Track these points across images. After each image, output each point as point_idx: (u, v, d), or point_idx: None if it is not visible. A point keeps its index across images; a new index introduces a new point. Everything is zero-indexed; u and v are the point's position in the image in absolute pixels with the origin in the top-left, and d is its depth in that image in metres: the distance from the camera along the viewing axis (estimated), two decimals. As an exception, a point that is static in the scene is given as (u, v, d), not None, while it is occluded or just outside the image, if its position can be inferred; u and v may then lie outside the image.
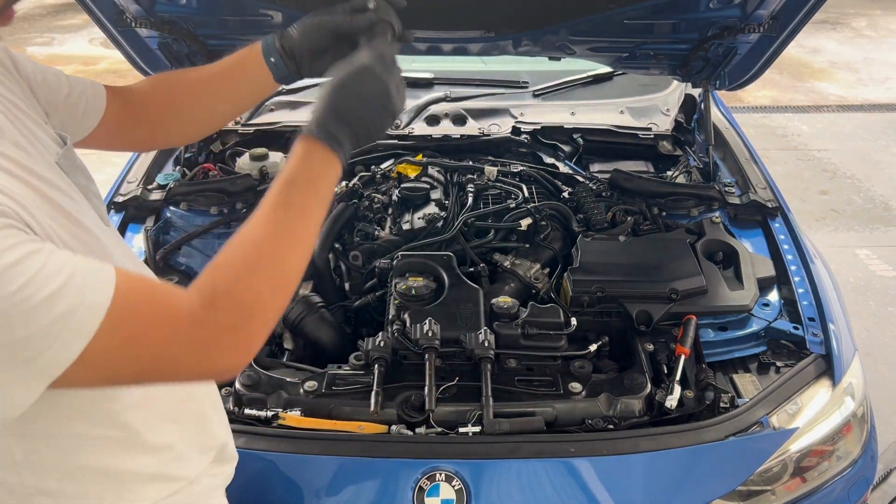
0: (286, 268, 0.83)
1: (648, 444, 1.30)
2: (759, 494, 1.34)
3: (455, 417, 1.33)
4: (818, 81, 6.31)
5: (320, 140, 0.87)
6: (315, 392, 1.37)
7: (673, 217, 1.96)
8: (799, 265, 1.74)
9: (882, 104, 5.78)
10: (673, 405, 1.36)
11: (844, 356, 1.50)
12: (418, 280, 1.56)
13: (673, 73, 2.14)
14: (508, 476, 1.26)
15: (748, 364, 1.52)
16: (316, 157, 0.87)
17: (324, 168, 0.88)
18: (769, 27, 1.72)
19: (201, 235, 1.86)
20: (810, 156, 4.85)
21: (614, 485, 1.28)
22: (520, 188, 2.01)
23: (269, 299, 0.81)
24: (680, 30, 1.88)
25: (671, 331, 1.54)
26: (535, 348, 1.45)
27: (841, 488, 1.41)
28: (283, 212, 0.84)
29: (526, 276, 1.71)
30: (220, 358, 0.78)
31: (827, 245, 3.46)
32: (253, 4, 1.72)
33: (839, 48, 7.15)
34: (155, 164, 2.11)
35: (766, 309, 1.62)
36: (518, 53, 1.98)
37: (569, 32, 1.86)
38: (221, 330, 0.76)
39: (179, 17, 1.80)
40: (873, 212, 4.13)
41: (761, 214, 1.94)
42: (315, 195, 0.87)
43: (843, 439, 1.43)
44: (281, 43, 1.08)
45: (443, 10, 1.72)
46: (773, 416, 1.37)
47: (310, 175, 0.87)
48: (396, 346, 1.42)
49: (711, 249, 1.79)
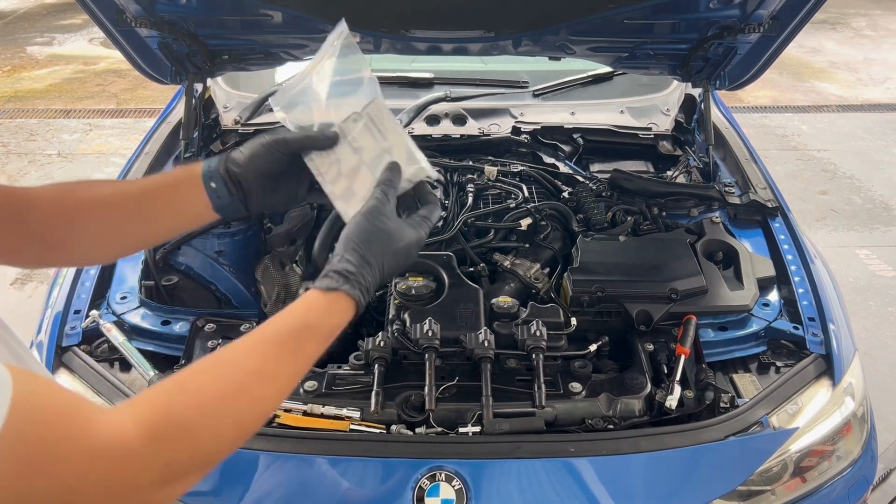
0: (262, 412, 0.73)
1: (648, 444, 1.30)
2: (759, 494, 1.34)
3: (455, 417, 1.33)
4: (818, 81, 6.31)
5: (352, 294, 0.81)
6: (315, 392, 1.37)
7: (673, 217, 1.96)
8: (799, 265, 1.74)
9: (882, 104, 5.78)
10: (673, 405, 1.36)
11: (844, 356, 1.50)
12: (418, 280, 1.56)
13: (673, 73, 2.14)
14: (508, 476, 1.26)
15: (748, 364, 1.52)
16: (343, 307, 0.81)
17: (346, 318, 0.82)
18: (769, 27, 1.72)
19: (201, 235, 1.86)
20: (810, 156, 4.85)
21: (614, 485, 1.27)
22: (520, 188, 2.01)
23: (228, 445, 0.69)
24: (680, 30, 1.88)
25: (671, 331, 1.54)
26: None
27: (841, 488, 1.41)
28: (287, 355, 0.75)
29: (526, 276, 1.71)
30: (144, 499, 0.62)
31: (827, 245, 3.46)
32: (253, 4, 1.72)
33: (839, 48, 7.15)
34: (155, 165, 2.11)
35: (766, 309, 1.62)
36: (518, 53, 1.98)
37: (569, 32, 1.86)
38: (157, 467, 0.62)
39: (179, 17, 1.80)
40: (873, 212, 4.13)
41: (761, 214, 1.93)
42: (326, 344, 0.79)
43: (843, 439, 1.43)
44: (226, 166, 0.91)
45: (443, 9, 1.72)
46: (773, 416, 1.37)
47: (332, 326, 0.80)
48: (396, 345, 1.42)
49: (711, 249, 1.78)
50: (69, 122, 5.31)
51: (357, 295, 0.81)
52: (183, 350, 1.49)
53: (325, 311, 0.80)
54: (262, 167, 0.92)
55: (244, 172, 0.91)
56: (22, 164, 4.61)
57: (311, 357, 0.77)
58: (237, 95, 2.42)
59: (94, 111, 5.55)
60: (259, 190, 0.93)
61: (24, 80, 6.27)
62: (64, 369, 1.45)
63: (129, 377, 1.44)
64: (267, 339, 0.75)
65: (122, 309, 1.60)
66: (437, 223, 0.87)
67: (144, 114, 5.39)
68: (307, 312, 0.79)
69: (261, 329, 0.77)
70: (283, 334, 0.76)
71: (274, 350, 0.75)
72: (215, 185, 0.91)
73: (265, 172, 0.92)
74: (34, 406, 0.56)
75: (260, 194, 0.93)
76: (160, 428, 0.62)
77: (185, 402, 0.66)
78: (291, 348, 0.75)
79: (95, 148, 4.88)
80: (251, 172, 0.91)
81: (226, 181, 0.91)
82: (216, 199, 0.91)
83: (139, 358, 1.43)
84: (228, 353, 0.73)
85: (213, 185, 0.91)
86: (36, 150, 4.85)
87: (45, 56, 6.87)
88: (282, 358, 0.75)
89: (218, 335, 1.52)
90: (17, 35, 7.48)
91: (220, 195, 0.91)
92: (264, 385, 0.72)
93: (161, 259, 1.79)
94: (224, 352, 0.73)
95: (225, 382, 0.70)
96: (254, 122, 2.37)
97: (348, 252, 0.83)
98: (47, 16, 8.13)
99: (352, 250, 0.83)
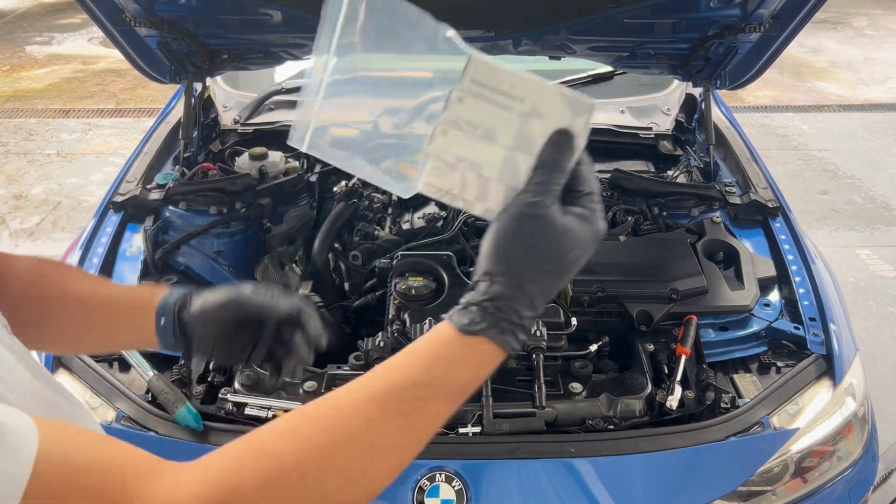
0: (357, 495, 0.57)
1: (649, 444, 1.29)
2: (759, 495, 1.33)
3: (455, 417, 1.33)
4: (819, 81, 6.31)
5: (499, 340, 0.59)
6: (315, 392, 1.37)
7: (673, 217, 1.96)
8: (800, 265, 1.73)
9: (883, 104, 5.78)
10: (674, 405, 1.36)
11: (845, 356, 1.49)
12: (418, 280, 1.56)
13: (673, 73, 2.14)
14: (508, 476, 1.26)
15: (749, 364, 1.52)
16: (484, 356, 0.59)
17: (488, 370, 0.60)
18: (770, 27, 1.71)
19: (200, 235, 1.85)
20: (811, 155, 4.85)
21: (615, 485, 1.27)
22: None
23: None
24: (680, 29, 1.88)
25: (672, 331, 1.53)
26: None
27: (842, 489, 1.40)
28: (399, 419, 0.57)
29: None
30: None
31: (827, 245, 3.45)
32: (253, 4, 1.72)
33: (840, 48, 7.14)
34: (154, 164, 2.11)
35: (767, 309, 1.61)
36: (518, 53, 1.98)
37: (569, 32, 1.86)
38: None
39: (179, 17, 1.80)
40: (874, 212, 4.13)
41: (762, 214, 1.93)
42: (458, 403, 0.60)
43: (843, 440, 1.43)
44: (178, 312, 0.83)
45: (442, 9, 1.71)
46: (773, 416, 1.37)
47: (466, 380, 0.60)
48: (396, 346, 1.42)
49: (712, 249, 1.78)
50: (68, 122, 5.31)
51: (506, 341, 0.59)
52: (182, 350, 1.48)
53: (457, 360, 0.59)
54: (213, 326, 0.82)
55: (193, 324, 0.83)
56: (21, 164, 4.61)
57: (434, 421, 0.59)
58: (236, 95, 2.42)
59: (93, 111, 5.55)
60: (206, 346, 0.83)
61: (23, 80, 6.26)
62: (63, 369, 1.44)
63: (128, 377, 1.44)
64: (373, 396, 0.57)
65: (122, 309, 1.59)
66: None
67: (144, 113, 5.38)
68: (433, 362, 0.59)
69: (367, 380, 0.59)
70: (396, 390, 0.57)
71: (380, 411, 0.56)
72: (164, 324, 0.83)
73: (216, 331, 0.83)
74: (65, 464, 0.47)
75: (207, 349, 0.84)
76: (217, 502, 0.51)
77: (255, 471, 0.52)
78: (407, 410, 0.57)
79: (94, 148, 4.88)
80: (199, 326, 0.82)
81: (174, 326, 0.83)
82: (162, 336, 0.84)
83: (138, 358, 1.42)
84: (320, 410, 0.57)
85: (163, 322, 0.83)
86: (35, 149, 4.84)
87: (44, 55, 6.86)
88: (390, 423, 0.56)
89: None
90: (16, 34, 7.47)
91: (166, 337, 0.84)
92: (361, 457, 0.55)
93: (160, 259, 1.79)
94: (316, 406, 0.57)
95: (308, 450, 0.54)
96: (253, 122, 2.37)
97: (495, 273, 0.60)
98: (46, 15, 8.13)
99: (500, 273, 0.59)
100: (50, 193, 4.22)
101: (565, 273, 0.61)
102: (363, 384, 0.58)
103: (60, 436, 0.49)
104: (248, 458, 0.54)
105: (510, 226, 0.61)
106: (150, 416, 1.33)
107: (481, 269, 0.61)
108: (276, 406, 1.34)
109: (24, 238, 3.76)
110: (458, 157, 0.65)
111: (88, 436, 0.53)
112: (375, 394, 0.57)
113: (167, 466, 0.53)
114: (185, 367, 1.45)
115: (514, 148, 0.65)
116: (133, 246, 1.80)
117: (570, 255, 0.60)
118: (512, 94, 0.64)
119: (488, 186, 0.65)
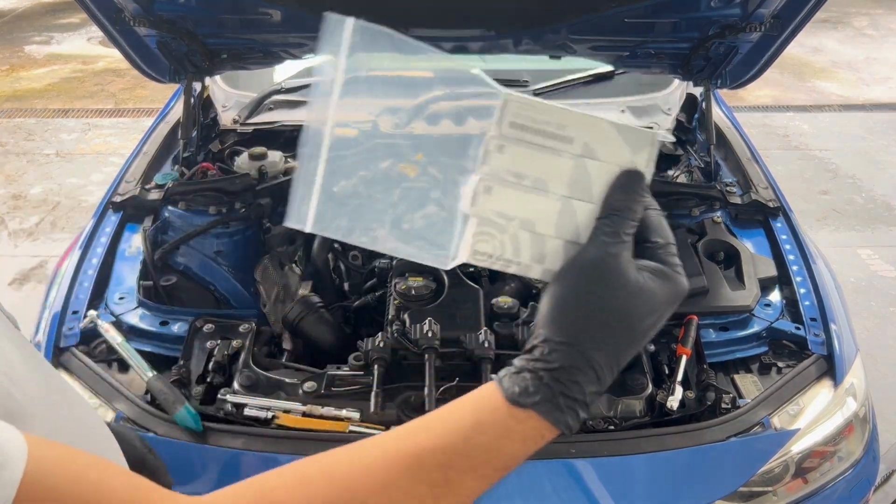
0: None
1: (649, 444, 1.29)
2: (760, 495, 1.33)
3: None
4: (820, 81, 6.30)
5: (552, 418, 0.50)
6: (314, 393, 1.37)
7: (674, 217, 1.95)
8: (800, 265, 1.73)
9: (884, 104, 5.77)
10: (674, 406, 1.35)
11: (846, 356, 1.49)
12: (418, 280, 1.55)
13: (674, 72, 2.13)
14: (508, 477, 1.25)
15: (749, 364, 1.52)
16: (534, 432, 0.50)
17: (535, 447, 0.52)
18: (770, 26, 1.71)
19: (200, 235, 1.85)
20: (812, 155, 4.84)
21: (615, 486, 1.27)
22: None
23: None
24: (681, 29, 1.88)
25: (672, 331, 1.53)
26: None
27: (843, 489, 1.40)
28: (425, 488, 0.50)
29: (526, 276, 1.70)
30: None
31: (828, 245, 3.45)
32: (252, 3, 1.72)
33: (841, 47, 7.14)
34: (153, 164, 2.10)
35: (768, 309, 1.61)
36: (518, 52, 1.98)
37: (569, 31, 1.85)
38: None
39: (178, 16, 1.79)
40: (875, 212, 4.13)
41: (763, 214, 1.93)
42: (495, 479, 0.52)
43: (844, 440, 1.42)
44: None
45: (443, 8, 1.71)
46: (774, 416, 1.37)
47: (510, 456, 0.51)
48: (396, 346, 1.41)
49: (713, 249, 1.78)
50: (67, 122, 5.30)
51: (562, 420, 0.50)
52: (181, 351, 1.48)
53: (502, 432, 0.50)
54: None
55: None
56: (20, 164, 4.61)
57: (462, 496, 0.51)
58: (236, 94, 2.42)
59: (92, 111, 5.54)
60: None
61: (22, 80, 6.26)
62: (62, 370, 1.44)
63: (127, 378, 1.44)
64: (401, 459, 0.50)
65: (121, 309, 1.59)
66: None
67: (143, 113, 5.38)
68: (474, 430, 0.50)
69: (399, 437, 0.51)
70: (427, 455, 0.50)
71: (406, 480, 0.49)
72: None
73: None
74: (53, 489, 0.43)
75: None
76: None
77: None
78: (435, 478, 0.49)
79: (94, 148, 4.88)
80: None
81: None
82: None
83: (137, 359, 1.42)
84: (339, 466, 0.51)
85: None
86: (34, 149, 4.84)
87: (43, 55, 6.86)
88: (415, 493, 0.49)
89: (216, 335, 1.51)
90: (16, 34, 7.47)
91: None
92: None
93: (160, 259, 1.78)
94: (333, 460, 0.51)
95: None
96: (252, 122, 2.36)
97: (555, 339, 0.51)
98: (46, 15, 8.12)
99: (562, 340, 0.50)
100: (49, 193, 4.22)
101: (640, 340, 0.52)
102: (389, 444, 0.51)
103: (52, 457, 0.45)
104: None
105: (575, 285, 0.52)
106: (149, 417, 1.33)
107: (540, 334, 0.52)
108: (276, 406, 1.34)
109: (24, 238, 3.76)
110: (505, 215, 0.56)
111: (84, 461, 0.48)
112: (401, 458, 0.50)
113: (165, 499, 0.49)
114: (184, 367, 1.45)
115: (570, 197, 0.56)
116: (132, 246, 1.79)
117: (646, 319, 0.52)
118: (559, 135, 0.56)
119: (545, 244, 0.56)
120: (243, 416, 1.34)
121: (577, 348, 0.50)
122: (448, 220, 0.58)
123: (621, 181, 0.55)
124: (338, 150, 0.58)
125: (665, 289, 0.53)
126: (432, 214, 0.58)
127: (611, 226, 0.53)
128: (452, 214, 0.57)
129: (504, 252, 0.57)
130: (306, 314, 1.61)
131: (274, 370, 1.45)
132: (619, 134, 0.57)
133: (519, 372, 0.51)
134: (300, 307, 1.61)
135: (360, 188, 0.59)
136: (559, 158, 0.56)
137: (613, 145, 0.57)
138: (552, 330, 0.51)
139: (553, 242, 0.56)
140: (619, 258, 0.52)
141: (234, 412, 1.35)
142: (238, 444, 1.28)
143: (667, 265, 0.54)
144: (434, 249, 0.58)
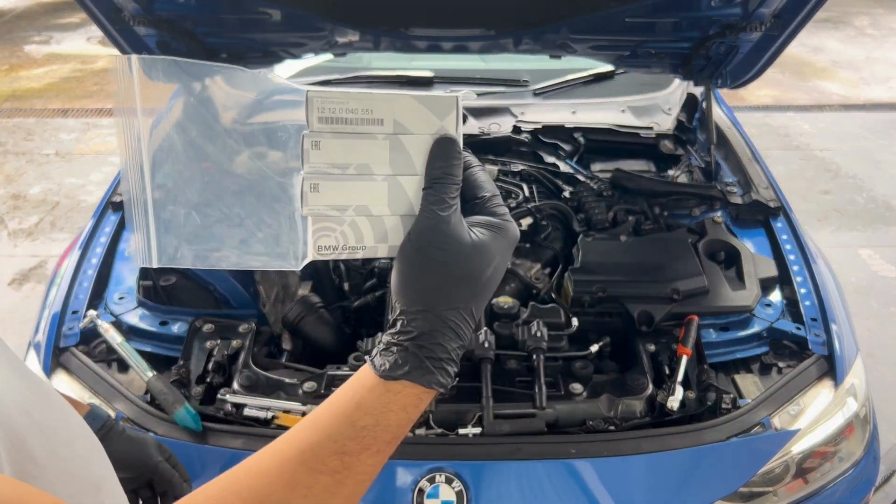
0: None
1: (650, 445, 1.29)
2: (761, 496, 1.33)
3: (455, 418, 1.32)
4: (820, 80, 6.30)
5: (422, 382, 0.55)
6: (314, 393, 1.36)
7: (674, 217, 1.95)
8: (801, 265, 1.73)
9: (884, 103, 5.77)
10: (675, 406, 1.35)
11: (847, 357, 1.49)
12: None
13: (674, 72, 2.13)
14: (509, 477, 1.25)
15: (750, 365, 1.52)
16: (410, 399, 0.55)
17: (416, 413, 0.56)
18: (771, 25, 1.71)
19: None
20: (812, 155, 4.84)
21: (615, 486, 1.27)
22: (520, 188, 2.00)
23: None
24: (681, 28, 1.87)
25: (673, 331, 1.53)
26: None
27: (843, 490, 1.40)
28: (326, 478, 0.52)
29: (526, 276, 1.70)
30: None
31: (829, 245, 3.45)
32: (252, 2, 1.71)
33: (841, 47, 7.13)
34: (153, 163, 2.10)
35: (768, 309, 1.61)
36: (518, 52, 1.97)
37: (570, 31, 1.85)
38: None
39: (178, 16, 1.79)
40: (875, 211, 4.12)
41: (763, 214, 1.93)
42: (390, 449, 0.55)
43: (845, 440, 1.42)
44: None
45: (443, 7, 1.71)
46: (775, 417, 1.37)
47: (396, 425, 0.55)
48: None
49: (713, 249, 1.78)
50: (67, 122, 5.30)
51: (434, 381, 0.55)
52: (181, 350, 1.48)
53: (383, 407, 0.54)
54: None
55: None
56: (20, 164, 4.60)
57: (365, 473, 0.54)
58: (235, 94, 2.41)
59: (92, 110, 5.54)
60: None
61: (21, 79, 6.26)
62: (62, 370, 1.44)
63: (126, 378, 1.44)
64: (296, 456, 0.52)
65: (120, 309, 1.59)
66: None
67: (144, 113, 5.37)
68: (359, 413, 0.54)
69: (291, 437, 0.54)
70: (320, 446, 0.53)
71: (305, 475, 0.52)
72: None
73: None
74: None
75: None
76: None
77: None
78: (334, 466, 0.52)
79: (93, 147, 4.87)
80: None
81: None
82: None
83: (137, 358, 1.42)
84: (240, 479, 0.53)
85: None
86: (34, 149, 4.84)
87: (42, 55, 6.85)
88: (318, 484, 0.52)
89: (216, 335, 1.51)
90: (15, 34, 7.47)
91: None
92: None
93: (159, 259, 1.78)
94: (233, 475, 0.54)
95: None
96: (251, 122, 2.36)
97: (411, 310, 0.55)
98: (45, 14, 8.12)
99: (417, 309, 0.55)
100: (48, 193, 4.21)
101: (486, 292, 0.57)
102: (286, 444, 0.54)
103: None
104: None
105: (415, 256, 0.56)
106: (148, 417, 1.33)
107: (396, 308, 0.56)
108: (275, 406, 1.34)
109: (23, 238, 3.76)
110: (339, 207, 0.59)
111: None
112: (298, 453, 0.53)
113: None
114: (183, 367, 1.44)
115: (395, 174, 0.59)
116: (132, 246, 1.79)
117: (486, 271, 0.56)
118: (369, 119, 0.59)
119: (384, 224, 0.60)
120: (243, 417, 1.34)
121: (432, 313, 0.55)
122: (290, 223, 0.60)
123: (435, 150, 0.59)
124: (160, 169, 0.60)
125: (498, 239, 0.57)
126: (271, 222, 0.60)
127: (435, 193, 0.57)
128: (293, 217, 0.60)
129: (347, 241, 0.60)
130: (306, 314, 1.61)
131: (274, 370, 1.45)
132: (422, 104, 0.59)
133: (387, 348, 0.55)
134: (300, 307, 1.61)
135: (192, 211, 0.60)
136: (375, 141, 0.59)
137: (421, 116, 0.59)
138: (405, 301, 0.55)
139: (391, 220, 0.60)
140: (450, 221, 0.56)
141: (234, 412, 1.34)
142: (238, 444, 1.28)
143: (495, 216, 0.58)
144: (280, 256, 0.61)
